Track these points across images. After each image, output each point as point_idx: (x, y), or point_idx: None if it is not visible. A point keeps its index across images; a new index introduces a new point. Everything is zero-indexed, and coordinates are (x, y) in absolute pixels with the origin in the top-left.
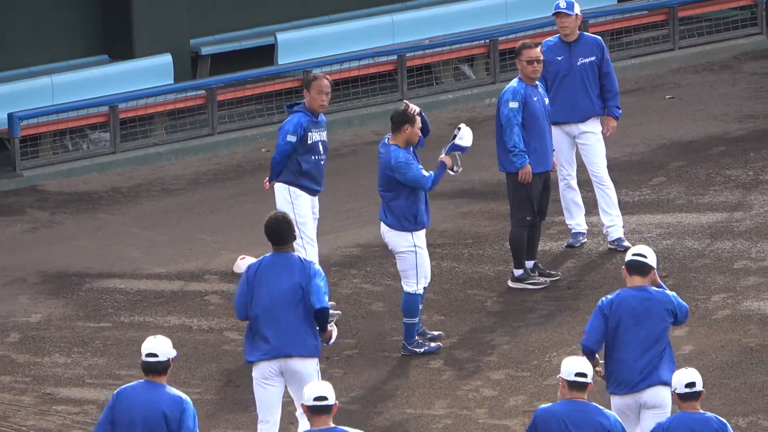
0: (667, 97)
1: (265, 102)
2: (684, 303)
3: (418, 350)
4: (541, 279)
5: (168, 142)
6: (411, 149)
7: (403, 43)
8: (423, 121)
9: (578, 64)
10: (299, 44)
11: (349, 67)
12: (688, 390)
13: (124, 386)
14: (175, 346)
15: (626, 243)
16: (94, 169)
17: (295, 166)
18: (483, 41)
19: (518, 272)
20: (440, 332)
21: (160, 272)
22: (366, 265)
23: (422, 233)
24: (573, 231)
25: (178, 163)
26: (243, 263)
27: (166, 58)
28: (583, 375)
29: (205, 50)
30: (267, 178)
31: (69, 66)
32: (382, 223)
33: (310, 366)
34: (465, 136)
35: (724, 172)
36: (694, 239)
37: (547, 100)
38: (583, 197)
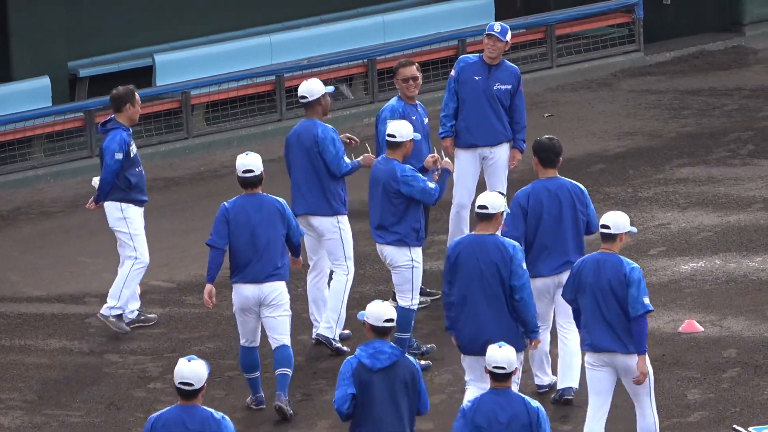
0: (546, 115)
1: (143, 124)
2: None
3: None
4: (422, 298)
5: (47, 165)
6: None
7: (281, 64)
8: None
9: (494, 88)
10: (177, 65)
11: (228, 88)
12: None
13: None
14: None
15: None
16: None
17: (124, 182)
18: (361, 61)
19: None
20: (432, 345)
21: (40, 295)
22: None
23: (420, 249)
24: None
25: (57, 185)
26: None
27: (44, 81)
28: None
29: (83, 72)
30: (92, 199)
31: None
32: (379, 243)
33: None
34: (397, 130)
35: (603, 190)
36: None
37: (426, 120)
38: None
